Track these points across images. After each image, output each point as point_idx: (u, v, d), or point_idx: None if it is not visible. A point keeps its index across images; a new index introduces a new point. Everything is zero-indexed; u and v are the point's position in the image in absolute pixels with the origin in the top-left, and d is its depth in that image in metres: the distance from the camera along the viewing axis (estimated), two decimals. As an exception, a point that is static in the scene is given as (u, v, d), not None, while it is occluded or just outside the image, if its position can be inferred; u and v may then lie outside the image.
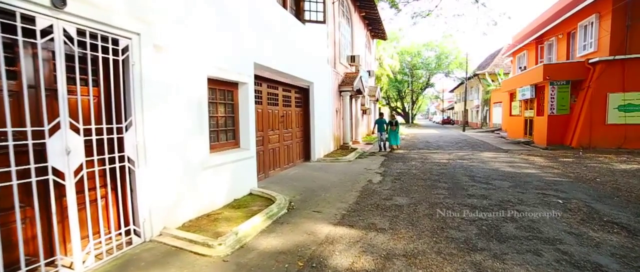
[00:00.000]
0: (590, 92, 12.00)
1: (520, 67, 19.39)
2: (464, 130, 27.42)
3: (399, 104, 48.35)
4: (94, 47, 3.02)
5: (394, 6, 16.48)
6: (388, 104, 45.32)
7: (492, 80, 28.07)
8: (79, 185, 2.88)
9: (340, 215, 4.60)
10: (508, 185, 6.28)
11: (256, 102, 6.70)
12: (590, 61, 12.04)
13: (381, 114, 14.17)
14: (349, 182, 6.81)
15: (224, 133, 5.51)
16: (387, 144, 12.88)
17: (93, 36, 3.00)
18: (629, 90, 11.48)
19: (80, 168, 2.87)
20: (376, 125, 13.23)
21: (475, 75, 32.53)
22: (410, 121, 47.06)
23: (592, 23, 12.66)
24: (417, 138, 20.08)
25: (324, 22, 9.37)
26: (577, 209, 4.62)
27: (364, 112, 18.72)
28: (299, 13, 8.77)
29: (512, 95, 18.34)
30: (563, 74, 12.91)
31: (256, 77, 6.37)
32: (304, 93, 9.54)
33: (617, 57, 11.31)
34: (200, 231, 4.01)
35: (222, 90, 5.38)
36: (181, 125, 4.17)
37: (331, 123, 11.78)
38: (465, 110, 30.51)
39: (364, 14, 17.06)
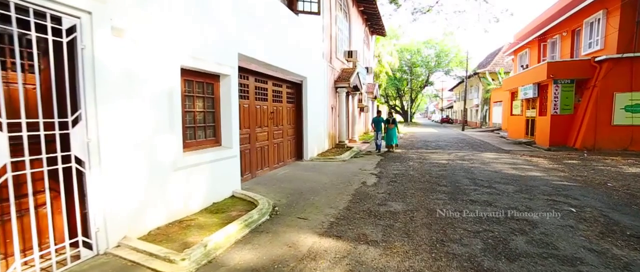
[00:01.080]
0: (595, 92, 11.51)
1: (522, 66, 18.90)
2: (463, 129, 26.97)
3: (397, 102, 47.81)
4: (25, 25, 2.50)
5: (393, 1, 15.95)
6: (387, 102, 44.79)
7: (493, 79, 27.60)
8: (5, 192, 2.38)
9: (328, 223, 4.10)
10: (513, 189, 5.79)
11: (242, 97, 6.19)
12: (597, 59, 11.54)
13: (379, 112, 13.66)
14: (342, 184, 6.31)
15: (202, 130, 4.99)
16: (384, 143, 12.39)
17: (22, 10, 2.47)
18: (636, 89, 10.98)
19: (3, 171, 2.36)
20: (373, 124, 12.73)
21: (475, 73, 32.02)
22: (409, 120, 46.58)
23: (598, 20, 12.16)
24: (415, 137, 19.59)
25: (318, 13, 8.84)
26: (593, 220, 4.13)
27: (362, 109, 18.19)
28: (291, 3, 8.23)
29: (514, 95, 17.84)
30: (568, 72, 12.40)
31: (241, 69, 5.85)
32: (296, 88, 9.01)
33: (625, 55, 10.81)
34: (167, 240, 3.51)
35: (200, 83, 4.85)
36: (147, 121, 3.66)
37: (326, 120, 11.26)
38: (465, 110, 30.05)
39: (362, 8, 16.48)
